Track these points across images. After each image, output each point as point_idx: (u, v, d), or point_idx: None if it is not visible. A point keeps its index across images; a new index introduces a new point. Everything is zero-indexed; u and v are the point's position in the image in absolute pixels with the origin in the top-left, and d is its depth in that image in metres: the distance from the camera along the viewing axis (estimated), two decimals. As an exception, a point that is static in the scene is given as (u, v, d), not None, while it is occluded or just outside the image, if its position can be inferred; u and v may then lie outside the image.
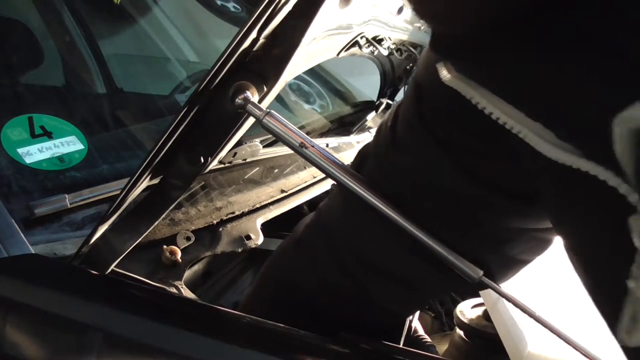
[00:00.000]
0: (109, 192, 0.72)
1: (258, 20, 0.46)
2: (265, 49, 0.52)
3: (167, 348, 0.52)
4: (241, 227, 0.82)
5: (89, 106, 1.04)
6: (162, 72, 1.34)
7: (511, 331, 0.66)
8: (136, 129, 0.98)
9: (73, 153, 0.77)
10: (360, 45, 1.00)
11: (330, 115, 1.49)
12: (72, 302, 0.57)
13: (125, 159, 0.85)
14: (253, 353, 0.51)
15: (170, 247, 0.69)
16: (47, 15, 1.12)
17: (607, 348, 0.64)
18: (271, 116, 0.51)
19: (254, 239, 0.81)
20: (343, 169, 0.51)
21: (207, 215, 0.79)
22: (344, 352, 0.53)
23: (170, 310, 0.57)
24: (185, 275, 0.68)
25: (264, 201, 0.91)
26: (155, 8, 1.47)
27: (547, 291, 0.76)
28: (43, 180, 0.72)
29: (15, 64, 0.97)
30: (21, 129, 0.75)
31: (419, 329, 0.85)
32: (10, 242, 0.61)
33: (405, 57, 1.40)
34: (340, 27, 0.80)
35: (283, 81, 0.57)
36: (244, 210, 0.86)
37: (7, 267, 0.59)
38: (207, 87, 0.49)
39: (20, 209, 0.66)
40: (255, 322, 0.56)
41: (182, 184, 0.57)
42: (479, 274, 0.49)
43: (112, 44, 1.29)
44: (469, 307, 0.84)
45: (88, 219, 0.69)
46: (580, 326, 0.69)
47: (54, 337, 0.56)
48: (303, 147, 0.51)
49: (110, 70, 1.15)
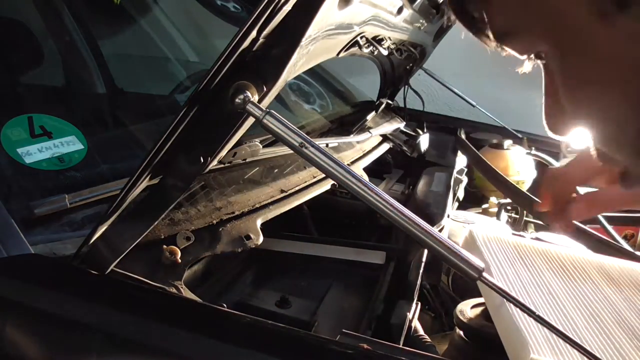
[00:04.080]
0: (109, 192, 0.72)
1: (258, 20, 0.46)
2: (265, 49, 0.52)
3: (167, 348, 0.52)
4: (241, 227, 0.82)
5: (89, 106, 1.04)
6: (162, 72, 1.34)
7: (514, 336, 0.66)
8: (136, 129, 0.98)
9: (73, 153, 0.77)
10: (360, 45, 1.00)
11: (330, 115, 1.49)
12: (72, 302, 0.57)
13: (125, 159, 0.85)
14: (253, 353, 0.51)
15: (170, 247, 0.69)
16: (47, 15, 1.12)
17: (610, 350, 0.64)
18: (271, 116, 0.51)
19: (254, 239, 0.81)
20: (343, 169, 0.51)
21: (207, 215, 0.79)
22: (344, 352, 0.53)
23: (170, 310, 0.57)
24: (185, 275, 0.68)
25: (264, 201, 0.91)
26: (155, 8, 1.47)
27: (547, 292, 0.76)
28: (43, 180, 0.72)
29: (15, 64, 0.97)
30: (21, 128, 0.75)
31: (419, 329, 0.85)
32: (10, 242, 0.61)
33: (405, 57, 1.40)
34: (340, 27, 0.80)
35: (283, 81, 0.57)
36: (243, 210, 0.86)
37: (7, 267, 0.59)
38: (207, 87, 0.49)
39: (20, 209, 0.66)
40: (255, 322, 0.56)
41: (182, 184, 0.57)
42: (479, 273, 0.49)
43: (112, 44, 1.29)
44: (469, 307, 0.84)
45: (88, 219, 0.69)
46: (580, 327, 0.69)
47: (54, 337, 0.56)
48: (303, 147, 0.51)
49: (110, 70, 1.15)
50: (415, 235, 0.49)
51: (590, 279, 0.82)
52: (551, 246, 0.94)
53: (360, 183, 0.50)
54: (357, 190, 0.50)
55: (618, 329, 0.69)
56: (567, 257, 0.88)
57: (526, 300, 0.71)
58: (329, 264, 1.11)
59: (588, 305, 0.74)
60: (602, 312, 0.72)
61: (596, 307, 0.73)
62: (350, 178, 0.51)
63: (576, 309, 0.72)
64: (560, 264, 0.85)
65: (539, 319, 0.52)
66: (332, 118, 1.47)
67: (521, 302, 0.51)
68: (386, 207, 0.50)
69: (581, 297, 0.76)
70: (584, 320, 0.70)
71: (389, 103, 1.68)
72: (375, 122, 1.52)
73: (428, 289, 1.09)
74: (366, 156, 1.36)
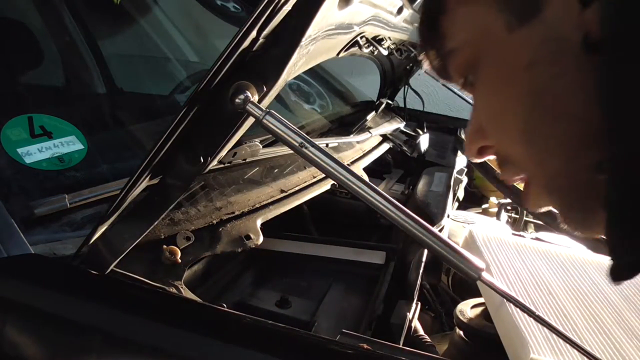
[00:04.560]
0: (109, 192, 0.72)
1: (258, 20, 0.46)
2: (265, 49, 0.52)
3: (167, 348, 0.52)
4: (241, 227, 0.82)
5: (89, 106, 1.04)
6: (162, 72, 1.34)
7: (514, 336, 0.66)
8: (136, 129, 0.98)
9: (73, 153, 0.77)
10: (360, 45, 1.00)
11: (330, 115, 1.49)
12: (72, 302, 0.57)
13: (125, 159, 0.85)
14: (253, 353, 0.51)
15: (170, 247, 0.69)
16: (47, 15, 1.12)
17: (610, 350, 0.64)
18: (271, 116, 0.51)
19: (254, 239, 0.81)
20: (343, 169, 0.51)
21: (206, 215, 0.79)
22: (344, 352, 0.53)
23: (170, 310, 0.57)
24: (185, 275, 0.68)
25: (264, 201, 0.91)
26: (155, 8, 1.47)
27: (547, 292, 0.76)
28: (43, 180, 0.72)
29: (15, 64, 0.97)
30: (21, 128, 0.75)
31: (419, 329, 0.85)
32: (10, 242, 0.61)
33: (405, 57, 1.40)
34: (340, 27, 0.80)
35: (283, 81, 0.57)
36: (243, 210, 0.86)
37: (7, 267, 0.59)
38: (207, 87, 0.49)
39: (20, 209, 0.66)
40: (255, 322, 0.56)
41: (182, 184, 0.57)
42: (479, 273, 0.49)
43: (112, 44, 1.29)
44: (469, 307, 0.84)
45: (88, 219, 0.69)
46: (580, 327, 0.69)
47: (54, 337, 0.56)
48: (303, 147, 0.51)
49: (110, 70, 1.15)
50: (415, 235, 0.49)
51: (590, 279, 0.82)
52: (551, 246, 0.94)
53: (360, 183, 0.50)
54: (357, 190, 0.50)
55: (618, 329, 0.69)
56: (567, 257, 0.88)
57: (526, 300, 0.71)
58: (329, 264, 1.11)
59: (588, 305, 0.74)
60: (601, 312, 0.72)
61: (596, 307, 0.74)
62: (350, 178, 0.51)
63: (576, 309, 0.72)
64: (560, 264, 0.85)
65: (539, 319, 0.52)
66: (332, 118, 1.47)
67: (521, 302, 0.51)
68: (386, 207, 0.50)
69: (581, 297, 0.76)
70: (584, 320, 0.70)
71: (389, 103, 1.68)
72: (375, 122, 1.52)
73: (428, 289, 1.09)
74: (366, 156, 1.36)
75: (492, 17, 0.38)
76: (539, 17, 0.35)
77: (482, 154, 0.45)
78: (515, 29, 0.37)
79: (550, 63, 0.35)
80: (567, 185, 0.38)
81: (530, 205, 0.43)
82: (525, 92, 0.37)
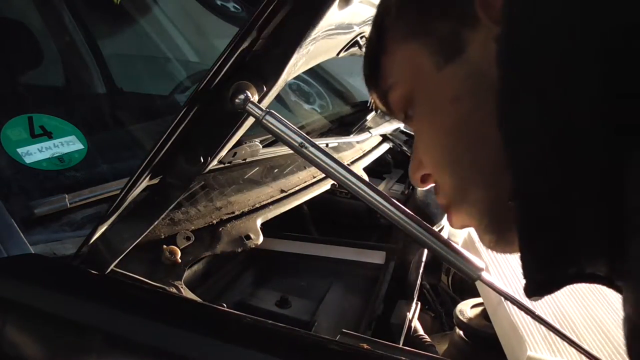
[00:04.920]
0: (109, 192, 0.72)
1: (258, 20, 0.46)
2: (265, 49, 0.52)
3: (167, 348, 0.52)
4: (241, 227, 0.82)
5: (89, 106, 1.04)
6: (162, 72, 1.34)
7: (511, 334, 0.66)
8: (136, 129, 0.98)
9: (73, 153, 0.77)
10: (360, 45, 1.00)
11: (330, 115, 1.49)
12: (71, 302, 0.57)
13: (125, 159, 0.85)
14: (253, 353, 0.51)
15: (170, 247, 0.69)
16: (47, 15, 1.12)
17: (607, 348, 0.64)
18: (271, 116, 0.51)
19: (254, 239, 0.81)
20: (343, 169, 0.51)
21: (207, 215, 0.79)
22: (344, 352, 0.53)
23: (170, 310, 0.57)
24: (185, 275, 0.68)
25: (263, 201, 0.91)
26: (155, 8, 1.47)
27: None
28: (43, 180, 0.72)
29: (15, 64, 0.97)
30: (21, 128, 0.75)
31: (419, 329, 0.85)
32: (10, 242, 0.61)
33: (405, 57, 1.40)
34: (340, 27, 0.80)
35: (283, 81, 0.57)
36: (243, 210, 0.86)
37: (7, 267, 0.59)
38: (207, 87, 0.49)
39: (20, 209, 0.66)
40: (255, 322, 0.56)
41: (182, 184, 0.57)
42: (478, 273, 0.49)
43: (112, 44, 1.29)
44: (469, 307, 0.84)
45: (88, 219, 0.69)
46: (577, 325, 0.69)
47: (53, 337, 0.56)
48: (303, 147, 0.51)
49: (110, 70, 1.15)
50: (415, 235, 0.49)
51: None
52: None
53: (360, 183, 0.50)
54: (357, 190, 0.50)
55: (615, 327, 0.69)
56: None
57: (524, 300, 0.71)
58: (329, 264, 1.11)
59: (586, 303, 0.74)
60: (599, 311, 0.73)
61: (594, 306, 0.74)
62: (350, 178, 0.51)
63: (574, 308, 0.72)
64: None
65: (538, 317, 0.52)
66: (332, 118, 1.47)
67: (520, 302, 0.51)
68: (386, 207, 0.50)
69: (579, 295, 0.76)
70: (582, 319, 0.70)
71: (389, 103, 1.68)
72: (375, 122, 1.52)
73: (428, 289, 1.09)
74: (366, 156, 1.36)
75: (425, 58, 0.42)
76: (462, 56, 0.39)
77: (425, 182, 0.49)
78: (443, 67, 0.40)
79: (471, 96, 0.39)
80: (484, 209, 0.42)
81: (452, 223, 0.47)
82: (452, 124, 0.41)
